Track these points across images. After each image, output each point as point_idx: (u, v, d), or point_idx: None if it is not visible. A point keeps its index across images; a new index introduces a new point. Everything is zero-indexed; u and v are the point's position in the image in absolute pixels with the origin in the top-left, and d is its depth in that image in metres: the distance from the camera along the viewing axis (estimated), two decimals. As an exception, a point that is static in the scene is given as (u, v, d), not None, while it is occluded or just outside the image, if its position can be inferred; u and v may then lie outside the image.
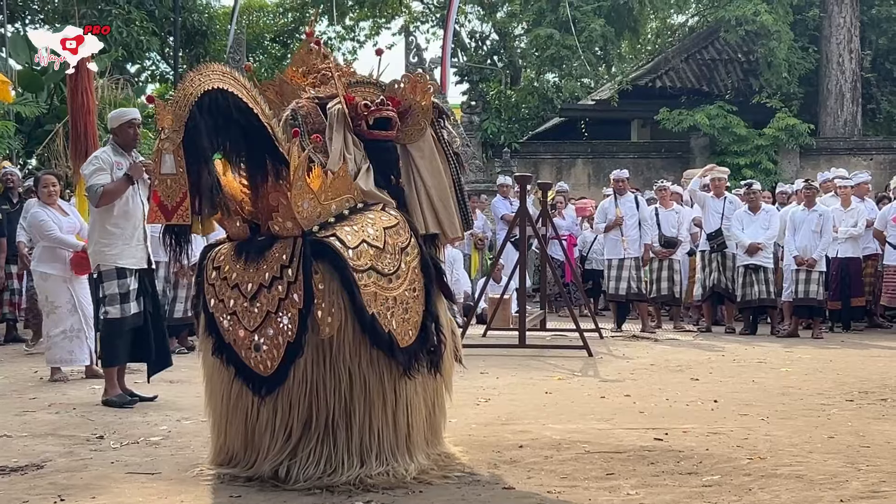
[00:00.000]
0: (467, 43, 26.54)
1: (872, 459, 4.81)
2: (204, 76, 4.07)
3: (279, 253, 4.20)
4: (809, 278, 11.27)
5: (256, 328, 4.20)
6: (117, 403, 6.43)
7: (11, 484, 4.36)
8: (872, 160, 20.22)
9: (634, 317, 12.74)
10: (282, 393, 4.22)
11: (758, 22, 19.68)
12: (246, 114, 4.14)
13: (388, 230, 4.42)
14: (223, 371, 4.36)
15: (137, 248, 6.62)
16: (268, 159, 4.22)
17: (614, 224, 12.01)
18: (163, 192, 4.06)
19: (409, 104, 4.75)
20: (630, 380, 7.77)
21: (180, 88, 4.10)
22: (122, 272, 6.52)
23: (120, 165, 6.58)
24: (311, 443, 4.22)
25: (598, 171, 20.30)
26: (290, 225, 4.22)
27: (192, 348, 9.52)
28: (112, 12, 19.33)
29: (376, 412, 4.27)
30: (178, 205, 4.04)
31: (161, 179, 4.04)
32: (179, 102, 4.00)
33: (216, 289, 4.35)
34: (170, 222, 4.11)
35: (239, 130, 4.17)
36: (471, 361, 8.39)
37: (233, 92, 4.09)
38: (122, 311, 6.50)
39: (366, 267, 4.22)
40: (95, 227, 6.67)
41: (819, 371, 8.32)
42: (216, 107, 4.05)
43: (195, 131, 4.00)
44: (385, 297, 4.27)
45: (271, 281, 4.18)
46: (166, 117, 4.00)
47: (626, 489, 4.23)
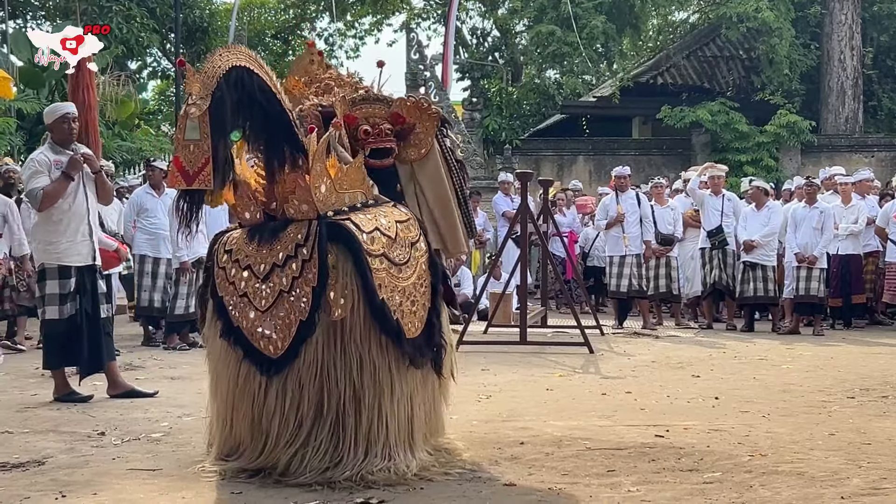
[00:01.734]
0: (469, 40, 26.55)
1: (873, 456, 4.81)
2: (232, 54, 4.11)
3: (294, 233, 4.23)
4: (810, 275, 11.28)
5: (268, 308, 4.21)
6: (69, 399, 6.37)
7: (13, 480, 4.37)
8: (874, 157, 20.20)
9: (635, 314, 12.74)
10: (291, 374, 4.22)
11: (759, 19, 19.66)
12: (269, 97, 4.18)
13: (400, 224, 4.47)
14: (231, 354, 4.35)
15: (83, 244, 6.48)
16: (286, 146, 4.25)
17: (616, 221, 12.01)
18: (185, 157, 4.03)
19: (415, 123, 4.75)
20: (631, 377, 7.78)
21: (209, 60, 4.10)
22: (66, 271, 6.39)
23: (59, 164, 6.40)
24: (323, 431, 4.22)
25: (600, 168, 20.29)
26: (306, 208, 4.25)
27: (194, 345, 9.54)
28: (113, 9, 19.33)
29: (385, 400, 4.28)
30: (200, 170, 4.03)
31: (184, 145, 4.03)
32: (208, 72, 4.01)
33: (227, 272, 4.35)
34: (191, 187, 4.09)
35: (261, 112, 4.20)
36: (472, 358, 8.42)
37: (258, 74, 4.12)
38: (60, 312, 6.39)
39: (378, 252, 4.26)
40: (39, 224, 6.55)
41: (820, 368, 8.32)
42: (241, 84, 4.08)
43: (220, 102, 4.02)
44: (395, 286, 4.30)
45: (285, 260, 4.20)
46: (194, 84, 4.00)
47: (627, 486, 4.23)
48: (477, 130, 20.05)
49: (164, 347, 9.59)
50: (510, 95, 22.48)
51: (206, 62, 4.11)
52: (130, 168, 17.42)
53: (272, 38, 28.58)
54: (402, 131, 4.75)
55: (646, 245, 12.05)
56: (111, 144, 15.43)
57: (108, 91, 15.62)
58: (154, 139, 18.44)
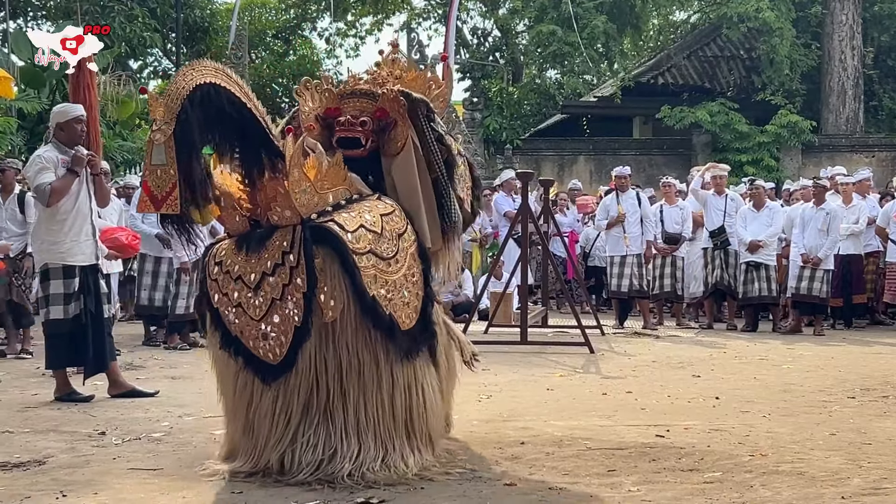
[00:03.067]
0: (469, 40, 26.54)
1: (874, 456, 4.81)
2: (196, 71, 4.11)
3: (280, 241, 4.23)
4: (814, 275, 11.26)
5: (262, 317, 4.23)
6: (69, 399, 6.35)
7: (13, 480, 4.37)
8: (874, 157, 20.22)
9: (636, 314, 12.74)
10: (285, 379, 4.24)
11: (760, 19, 19.68)
12: (239, 107, 4.17)
13: (385, 217, 4.47)
14: (231, 364, 4.37)
15: (86, 244, 6.47)
16: (263, 152, 4.26)
17: (616, 221, 12.00)
18: (152, 182, 4.07)
19: (395, 118, 4.77)
20: (631, 376, 7.77)
21: (173, 82, 4.14)
22: (70, 271, 6.39)
23: (65, 162, 6.42)
24: (310, 427, 4.24)
25: (600, 167, 20.30)
26: (289, 214, 4.25)
27: (194, 344, 9.54)
28: (114, 9, 19.34)
29: (370, 393, 4.29)
30: (167, 195, 4.06)
31: (151, 170, 4.06)
32: (172, 95, 4.03)
33: (219, 283, 4.37)
34: (159, 211, 4.16)
35: (232, 124, 4.20)
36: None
37: (225, 86, 4.12)
38: (65, 312, 6.38)
39: (365, 250, 4.26)
40: (42, 223, 6.55)
41: (821, 368, 8.32)
42: (208, 100, 4.08)
43: (186, 124, 4.02)
44: (385, 280, 4.31)
45: (273, 268, 4.20)
46: (158, 109, 4.03)
47: (628, 486, 4.23)
48: (478, 130, 20.07)
49: (164, 347, 9.58)
50: (511, 95, 22.51)
51: (170, 84, 4.14)
52: (131, 168, 17.43)
53: (273, 38, 28.59)
54: (385, 126, 4.77)
55: (647, 245, 12.05)
56: (112, 144, 15.43)
57: (109, 91, 15.62)
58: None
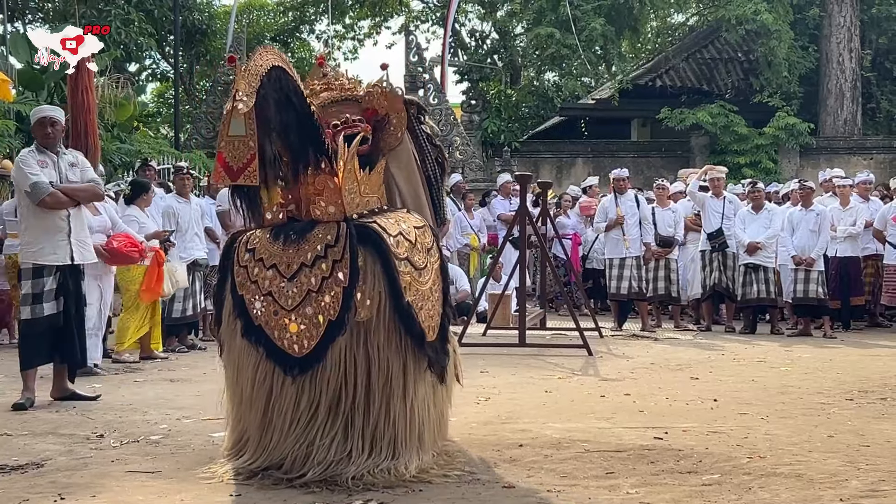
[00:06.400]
0: (467, 42, 26.54)
1: (872, 459, 4.81)
2: (270, 54, 4.15)
3: (323, 234, 4.26)
4: (808, 277, 11.27)
5: (294, 307, 4.22)
6: (23, 406, 6.22)
7: (12, 482, 4.37)
8: (872, 159, 20.22)
9: (634, 316, 12.74)
10: (311, 374, 4.23)
11: (758, 21, 19.68)
12: (301, 99, 4.23)
13: (417, 230, 4.55)
14: (252, 353, 4.35)
15: (61, 244, 6.38)
16: (312, 149, 4.29)
17: (615, 223, 12.00)
18: (228, 153, 4.03)
19: (387, 112, 4.79)
20: (630, 379, 7.77)
21: (251, 60, 4.13)
22: (39, 271, 6.32)
23: (44, 163, 6.35)
24: (333, 427, 4.23)
25: (599, 170, 20.27)
26: (333, 210, 4.31)
27: (193, 347, 9.54)
28: (112, 12, 19.33)
29: (395, 400, 4.30)
30: (245, 166, 4.02)
31: (228, 141, 4.02)
32: (251, 70, 4.04)
33: (249, 270, 4.35)
34: (235, 182, 4.09)
35: (294, 114, 4.23)
36: (471, 360, 8.37)
37: (292, 76, 4.18)
38: (32, 312, 6.31)
39: (403, 256, 4.32)
40: (21, 222, 6.53)
41: (819, 370, 8.32)
42: (280, 84, 4.13)
43: (264, 101, 4.05)
44: (416, 290, 4.34)
45: (314, 260, 4.21)
46: (240, 81, 4.02)
47: (626, 488, 4.23)
48: (476, 133, 20.06)
49: (162, 350, 9.57)
50: (509, 98, 22.50)
51: (250, 60, 4.13)
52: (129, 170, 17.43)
53: (271, 41, 28.54)
54: (379, 123, 4.79)
55: (646, 247, 12.05)
56: (110, 147, 15.41)
57: (107, 93, 15.61)
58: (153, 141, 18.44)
